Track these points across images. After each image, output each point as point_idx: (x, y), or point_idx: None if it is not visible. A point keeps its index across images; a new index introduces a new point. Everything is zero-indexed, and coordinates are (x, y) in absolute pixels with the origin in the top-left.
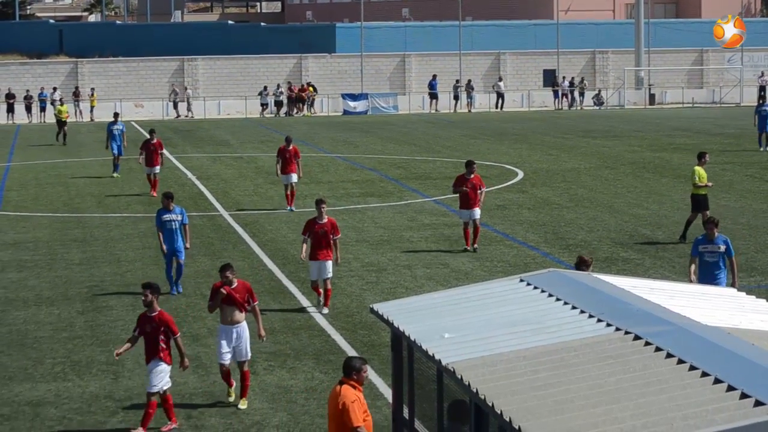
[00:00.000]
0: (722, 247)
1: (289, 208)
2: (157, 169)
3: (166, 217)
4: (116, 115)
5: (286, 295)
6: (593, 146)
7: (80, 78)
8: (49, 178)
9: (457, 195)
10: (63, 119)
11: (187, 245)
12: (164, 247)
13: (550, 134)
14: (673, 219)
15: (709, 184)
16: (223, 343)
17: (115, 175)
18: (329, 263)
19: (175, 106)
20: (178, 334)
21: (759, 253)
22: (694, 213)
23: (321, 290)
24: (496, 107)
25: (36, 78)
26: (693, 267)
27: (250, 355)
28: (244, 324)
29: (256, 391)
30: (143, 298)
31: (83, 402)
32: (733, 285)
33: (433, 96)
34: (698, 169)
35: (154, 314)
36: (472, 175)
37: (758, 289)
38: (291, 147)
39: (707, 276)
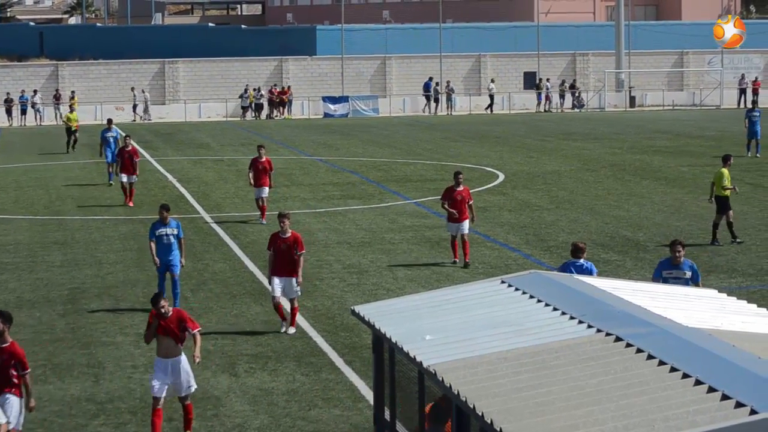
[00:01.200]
0: (687, 273)
1: (261, 221)
2: (134, 177)
3: (162, 231)
4: (110, 121)
5: (267, 297)
6: (574, 148)
7: (61, 80)
8: (29, 181)
9: (441, 203)
10: (73, 128)
11: (183, 261)
12: (156, 260)
13: (531, 137)
14: (654, 221)
15: (734, 188)
16: (158, 376)
17: (111, 183)
18: (294, 280)
19: (134, 109)
20: (29, 370)
21: (740, 255)
22: (719, 215)
23: (286, 309)
24: (486, 109)
25: (16, 81)
26: None
27: (193, 388)
28: (181, 357)
29: (237, 393)
30: None
31: (64, 405)
32: None
33: (428, 98)
34: (724, 171)
35: (4, 345)
36: (461, 187)
37: (739, 291)
38: (264, 158)
39: None
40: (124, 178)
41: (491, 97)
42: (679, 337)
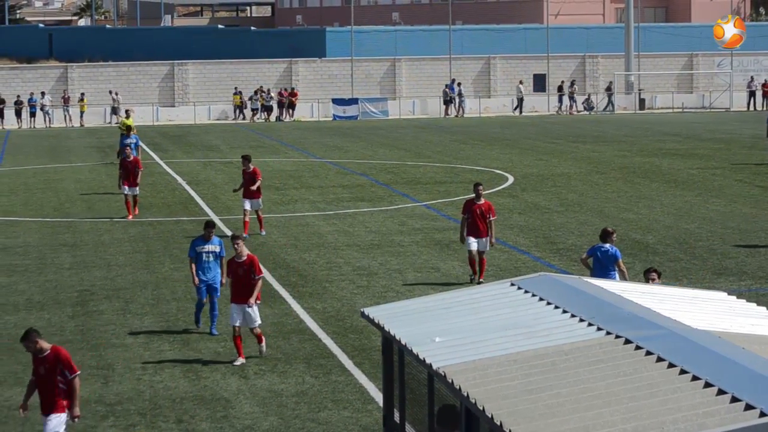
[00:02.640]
0: None
1: (261, 232)
2: (137, 189)
3: (203, 248)
4: (129, 128)
5: (276, 300)
6: (583, 151)
7: (70, 82)
8: (38, 183)
9: (462, 216)
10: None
11: (224, 280)
12: (196, 279)
13: (540, 139)
14: (663, 223)
15: None
16: None
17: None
18: (254, 307)
19: (114, 112)
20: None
21: (749, 257)
22: None
23: (246, 337)
24: (514, 111)
25: (26, 83)
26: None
27: None
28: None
29: (246, 395)
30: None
31: None
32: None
33: (451, 100)
34: None
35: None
36: (481, 200)
37: (748, 293)
38: (252, 168)
39: None
40: (127, 189)
41: (520, 99)
42: (688, 340)
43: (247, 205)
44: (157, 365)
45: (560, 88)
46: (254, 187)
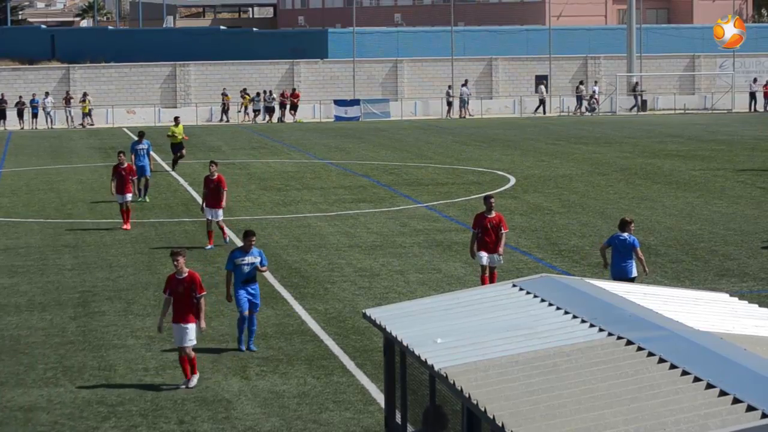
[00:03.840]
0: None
1: (209, 246)
2: (129, 197)
3: (243, 259)
4: (141, 134)
5: (278, 301)
6: (585, 152)
7: (72, 84)
8: (40, 184)
9: (472, 231)
10: (177, 141)
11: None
12: (231, 297)
13: (542, 140)
14: (665, 224)
15: None
16: None
17: (146, 199)
18: (192, 327)
19: (89, 114)
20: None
21: (751, 259)
22: None
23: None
24: (536, 112)
25: (28, 84)
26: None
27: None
28: None
29: (248, 396)
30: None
31: (75, 407)
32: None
33: (463, 102)
34: None
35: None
36: (492, 213)
37: (750, 295)
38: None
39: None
40: (120, 198)
41: (542, 101)
42: (690, 341)
43: (210, 215)
44: (158, 366)
45: (578, 89)
46: (223, 203)
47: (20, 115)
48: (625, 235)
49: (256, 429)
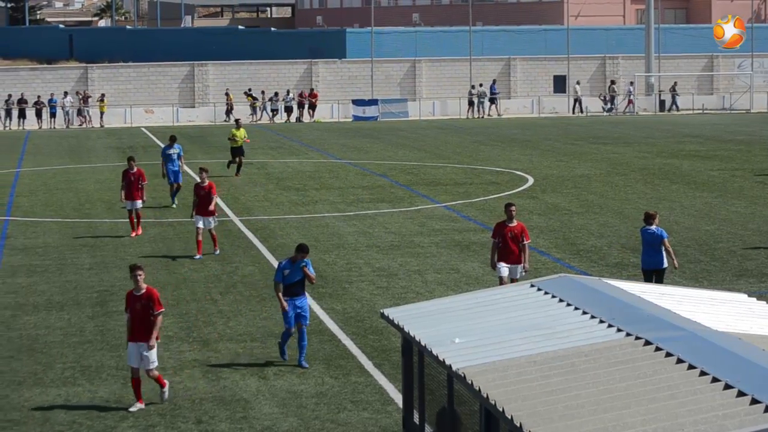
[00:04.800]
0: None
1: (215, 251)
2: (139, 203)
3: (289, 271)
4: (173, 138)
5: None
6: (603, 152)
7: (90, 83)
8: (58, 183)
9: (492, 240)
10: (238, 145)
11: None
12: (285, 305)
13: (561, 140)
14: (684, 225)
15: None
16: None
17: (174, 204)
18: (153, 349)
19: (79, 113)
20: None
21: None
22: None
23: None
24: (573, 112)
25: (46, 83)
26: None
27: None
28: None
29: (266, 396)
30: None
31: (93, 407)
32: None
33: (492, 101)
34: None
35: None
36: (513, 222)
37: None
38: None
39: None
40: (129, 204)
41: (577, 100)
42: (708, 341)
43: (200, 224)
44: (176, 366)
45: (611, 89)
46: (211, 207)
47: (38, 114)
48: (653, 227)
49: (274, 429)
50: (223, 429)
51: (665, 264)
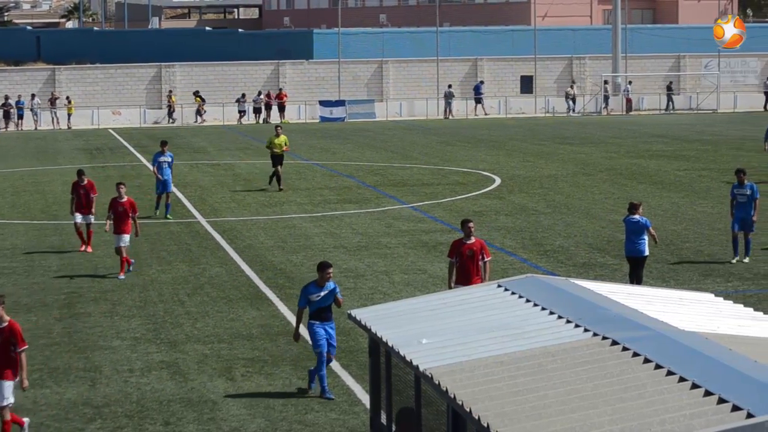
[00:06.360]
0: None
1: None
2: (91, 218)
3: (320, 295)
4: (164, 143)
5: (263, 302)
6: (570, 153)
7: (58, 85)
8: (26, 185)
9: (449, 260)
10: (279, 153)
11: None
12: (299, 336)
13: (528, 141)
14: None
15: None
16: None
17: (168, 217)
18: (8, 385)
19: (35, 114)
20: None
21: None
22: None
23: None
24: (568, 112)
25: (13, 85)
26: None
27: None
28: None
29: (234, 397)
30: None
31: (60, 409)
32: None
33: (478, 101)
34: None
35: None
36: (471, 239)
37: (735, 294)
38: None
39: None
40: (79, 218)
41: (573, 98)
42: (675, 341)
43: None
44: (144, 367)
45: (604, 88)
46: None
47: (6, 116)
48: (637, 217)
49: (242, 430)
50: (190, 430)
51: (647, 252)
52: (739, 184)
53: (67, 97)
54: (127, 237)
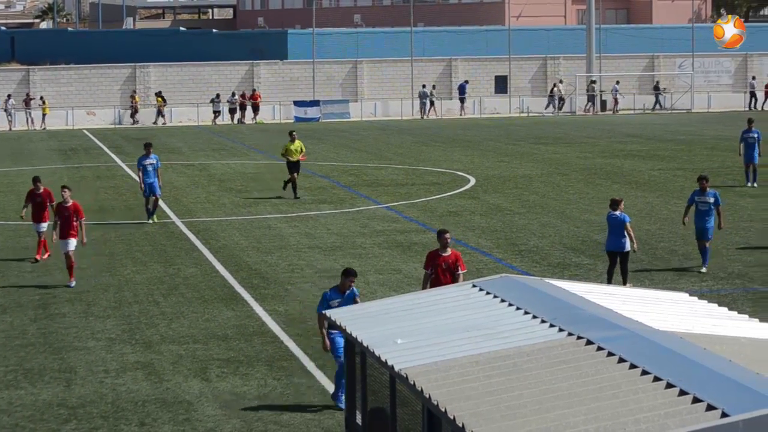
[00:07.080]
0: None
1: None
2: (44, 226)
3: (337, 301)
4: (148, 146)
5: (238, 302)
6: (545, 153)
7: (32, 85)
8: (0, 186)
9: (424, 272)
10: (294, 159)
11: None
12: (328, 344)
13: (502, 141)
14: None
15: None
16: None
17: (154, 219)
18: (73, 241)
19: (9, 114)
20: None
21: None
22: None
23: None
24: (552, 110)
25: None
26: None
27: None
28: None
29: (208, 398)
30: None
31: (36, 410)
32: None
33: (462, 100)
34: None
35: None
36: (447, 251)
37: (710, 294)
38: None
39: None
40: (36, 227)
41: (560, 99)
42: (650, 341)
43: (63, 247)
44: (119, 368)
45: (592, 87)
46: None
47: None
48: (617, 213)
49: (217, 430)
50: (166, 431)
51: (628, 247)
52: (701, 191)
53: (41, 98)
54: (74, 241)
